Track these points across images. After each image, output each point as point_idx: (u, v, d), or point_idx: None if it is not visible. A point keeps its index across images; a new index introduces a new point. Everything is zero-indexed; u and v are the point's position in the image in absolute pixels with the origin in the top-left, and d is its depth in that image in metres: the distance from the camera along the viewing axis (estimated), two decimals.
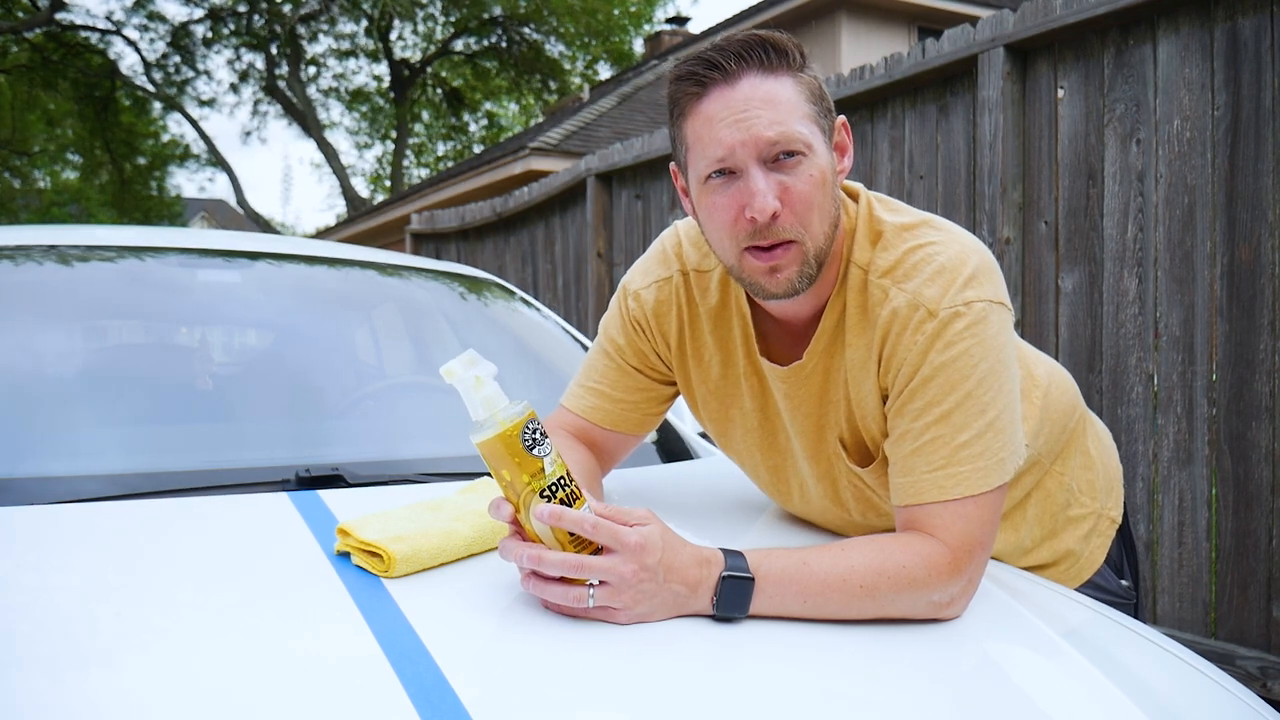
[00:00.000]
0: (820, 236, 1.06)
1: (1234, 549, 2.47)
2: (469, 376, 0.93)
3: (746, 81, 1.04)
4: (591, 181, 5.14)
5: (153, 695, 0.77)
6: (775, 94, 1.03)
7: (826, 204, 1.06)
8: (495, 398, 0.93)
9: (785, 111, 1.03)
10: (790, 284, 1.07)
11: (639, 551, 0.91)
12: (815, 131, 1.05)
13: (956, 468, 1.04)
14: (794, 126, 1.03)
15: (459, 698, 0.77)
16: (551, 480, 0.93)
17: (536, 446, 0.92)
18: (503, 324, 2.14)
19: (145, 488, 1.27)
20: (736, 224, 1.05)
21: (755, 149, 1.03)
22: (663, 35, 16.09)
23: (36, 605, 0.93)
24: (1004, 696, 0.93)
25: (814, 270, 1.07)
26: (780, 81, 1.04)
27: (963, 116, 3.17)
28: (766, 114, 1.02)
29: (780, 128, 1.02)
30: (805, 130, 1.04)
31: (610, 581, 0.91)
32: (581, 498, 0.95)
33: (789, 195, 1.03)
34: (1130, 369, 2.69)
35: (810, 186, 1.04)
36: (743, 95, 1.03)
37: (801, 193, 1.03)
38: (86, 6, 47.42)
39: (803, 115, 1.04)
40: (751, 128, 1.02)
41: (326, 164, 20.32)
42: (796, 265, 1.06)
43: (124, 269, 1.83)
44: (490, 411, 0.93)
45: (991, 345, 1.05)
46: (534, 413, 0.94)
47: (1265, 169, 2.39)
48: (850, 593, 0.99)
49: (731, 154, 1.03)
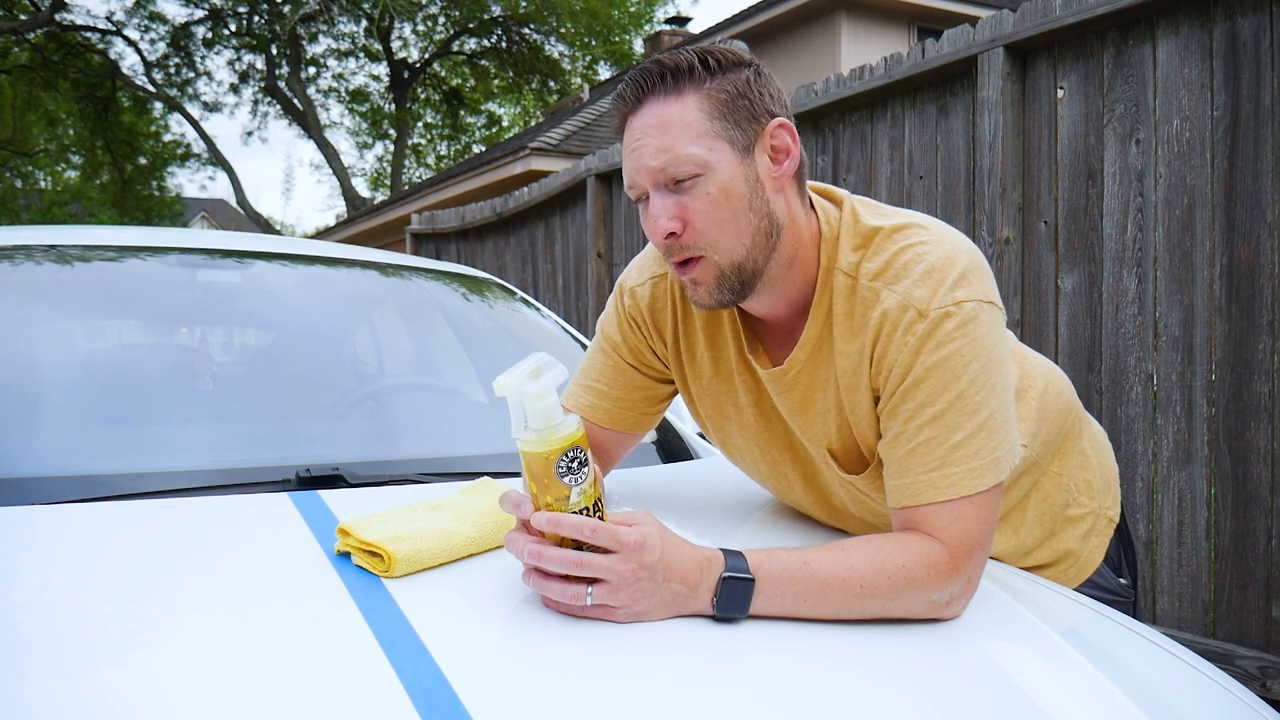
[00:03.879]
0: (737, 249, 1.07)
1: (1233, 549, 2.47)
2: (528, 390, 0.92)
3: (646, 109, 1.06)
4: (591, 181, 5.15)
5: (153, 695, 0.77)
6: (668, 119, 1.04)
7: (739, 217, 1.06)
8: (549, 412, 0.92)
9: (674, 136, 1.04)
10: (709, 296, 1.10)
11: (638, 550, 0.91)
12: (717, 145, 1.05)
13: (951, 468, 1.04)
14: (682, 150, 1.04)
15: (459, 698, 0.77)
16: (574, 509, 0.92)
17: (569, 475, 0.92)
18: (503, 324, 2.15)
19: (145, 488, 1.27)
20: (659, 244, 1.09)
21: (648, 176, 1.06)
22: (663, 35, 16.07)
23: (36, 605, 0.93)
24: (1004, 696, 0.93)
25: (734, 283, 1.09)
26: (681, 102, 1.05)
27: (962, 117, 3.17)
28: (654, 141, 1.05)
29: (665, 155, 1.04)
30: (700, 149, 1.04)
31: (609, 580, 0.91)
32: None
33: (687, 214, 1.05)
34: (1130, 369, 2.69)
35: (708, 204, 1.05)
36: (640, 124, 1.07)
37: (699, 211, 1.05)
38: (87, 7, 47.55)
39: (698, 134, 1.04)
40: (640, 157, 1.06)
41: (327, 164, 20.32)
42: (711, 278, 1.08)
43: (124, 269, 1.83)
44: (542, 425, 0.92)
45: (983, 344, 1.05)
46: (582, 436, 0.94)
47: (1264, 169, 2.39)
48: (850, 593, 0.99)
49: (633, 181, 1.08)
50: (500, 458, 1.50)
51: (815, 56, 10.68)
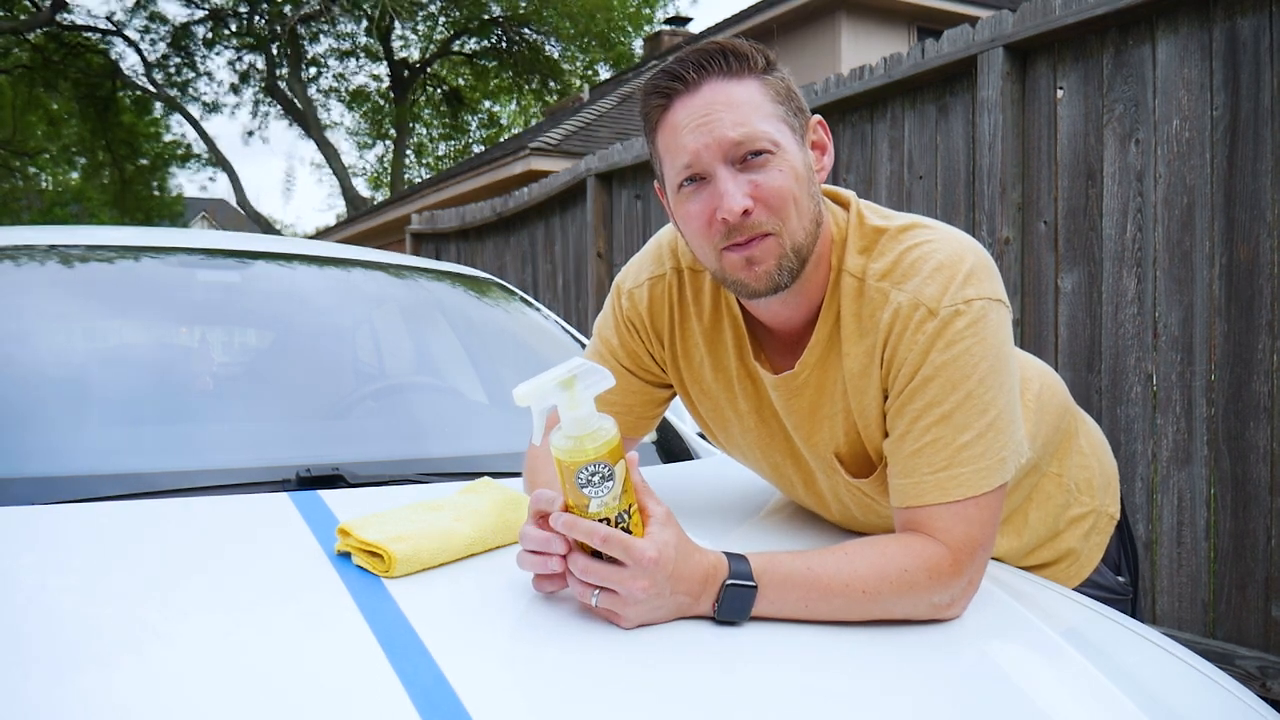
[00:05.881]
0: (799, 231, 1.05)
1: (1233, 549, 2.47)
2: (564, 397, 0.91)
3: (708, 88, 1.04)
4: (591, 181, 5.15)
5: (153, 695, 0.77)
6: (737, 96, 1.03)
7: (803, 199, 1.05)
8: (581, 421, 0.91)
9: (748, 112, 1.03)
10: (770, 277, 1.06)
11: (650, 567, 0.90)
12: (783, 129, 1.05)
13: (958, 469, 1.04)
14: (758, 125, 1.03)
15: (459, 698, 0.77)
16: (593, 518, 0.92)
17: (589, 487, 0.91)
18: (503, 324, 2.15)
19: (145, 488, 1.27)
20: (710, 228, 1.05)
21: (720, 151, 1.03)
22: (663, 35, 16.08)
23: (36, 605, 0.93)
24: (1004, 696, 0.93)
25: (794, 264, 1.06)
26: (743, 84, 1.04)
27: (962, 117, 3.17)
28: (729, 115, 1.03)
29: (743, 128, 1.02)
30: (770, 128, 1.03)
31: (619, 592, 0.91)
32: (635, 533, 0.93)
33: (760, 192, 1.03)
34: (1129, 369, 2.69)
35: (782, 181, 1.03)
36: (704, 101, 1.04)
37: (774, 188, 1.03)
38: (87, 7, 47.51)
39: (767, 114, 1.04)
40: (714, 130, 1.03)
41: (327, 164, 20.33)
42: (774, 258, 1.05)
43: (125, 269, 1.83)
44: (575, 434, 0.91)
45: (991, 343, 1.05)
46: (609, 451, 0.92)
47: (1264, 169, 2.39)
48: (852, 598, 0.99)
49: (697, 159, 1.04)
50: (500, 458, 1.50)
51: (815, 56, 10.67)
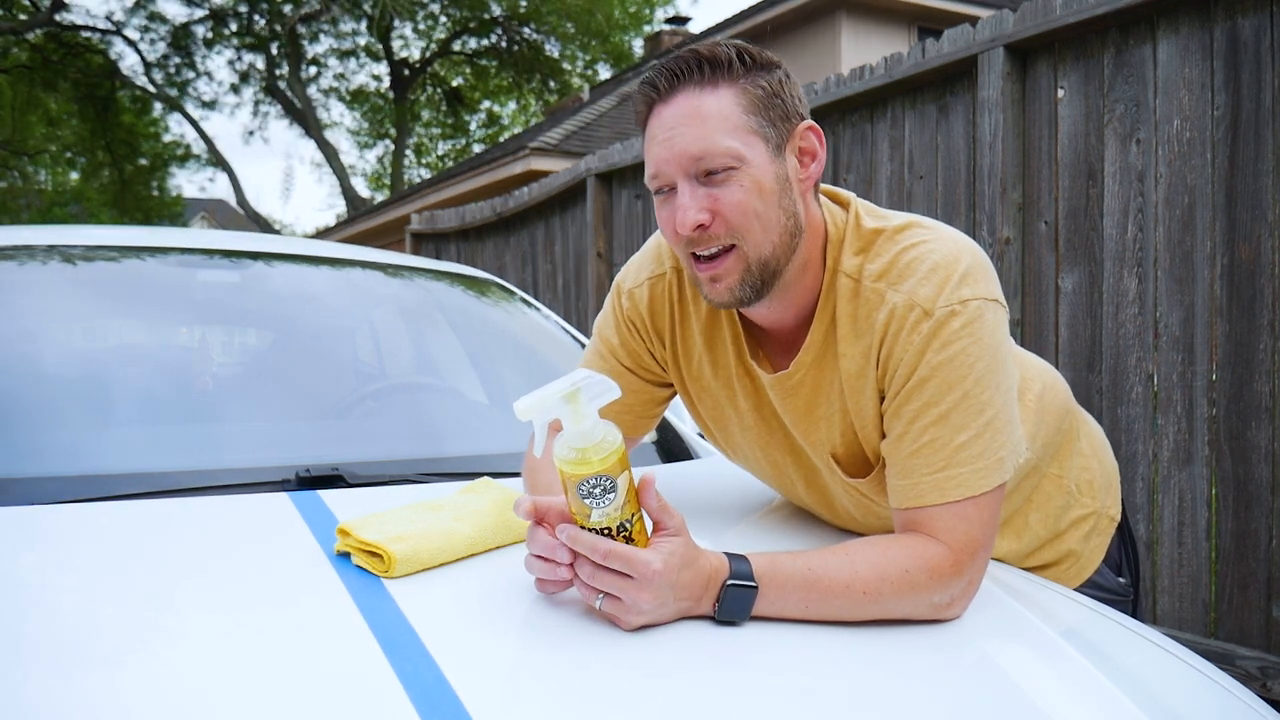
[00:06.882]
0: (765, 245, 1.06)
1: (1234, 549, 2.47)
2: (567, 410, 0.90)
3: (680, 98, 1.05)
4: (591, 181, 5.15)
5: (153, 695, 0.77)
6: (706, 108, 1.03)
7: (769, 212, 1.05)
8: (584, 435, 0.91)
9: (713, 126, 1.03)
10: (731, 293, 1.07)
11: (655, 579, 0.90)
12: (753, 141, 1.04)
13: (956, 469, 1.04)
14: (720, 142, 1.02)
15: (459, 698, 0.77)
16: (594, 527, 0.92)
17: (590, 498, 0.91)
18: (503, 324, 2.14)
19: (145, 488, 1.27)
20: (676, 237, 1.07)
21: (680, 166, 1.04)
22: (663, 35, 16.07)
23: (36, 605, 0.93)
24: (1004, 696, 0.93)
25: (758, 279, 1.07)
26: (717, 94, 1.04)
27: (962, 117, 3.17)
28: (692, 130, 1.03)
29: (703, 144, 1.03)
30: (736, 142, 1.03)
31: (623, 600, 0.91)
32: (638, 541, 0.93)
33: (719, 205, 1.04)
34: (1130, 369, 2.69)
35: (742, 197, 1.03)
36: (674, 112, 1.05)
37: (732, 203, 1.03)
38: (87, 7, 47.53)
39: (735, 127, 1.03)
40: (675, 144, 1.04)
41: (327, 164, 20.34)
42: (737, 273, 1.06)
43: (124, 269, 1.83)
44: (578, 445, 0.91)
45: (988, 343, 1.05)
46: (613, 463, 0.91)
47: (1265, 169, 2.39)
48: (853, 599, 0.99)
49: (661, 171, 1.06)
50: (500, 458, 1.50)
51: (815, 56, 10.67)
